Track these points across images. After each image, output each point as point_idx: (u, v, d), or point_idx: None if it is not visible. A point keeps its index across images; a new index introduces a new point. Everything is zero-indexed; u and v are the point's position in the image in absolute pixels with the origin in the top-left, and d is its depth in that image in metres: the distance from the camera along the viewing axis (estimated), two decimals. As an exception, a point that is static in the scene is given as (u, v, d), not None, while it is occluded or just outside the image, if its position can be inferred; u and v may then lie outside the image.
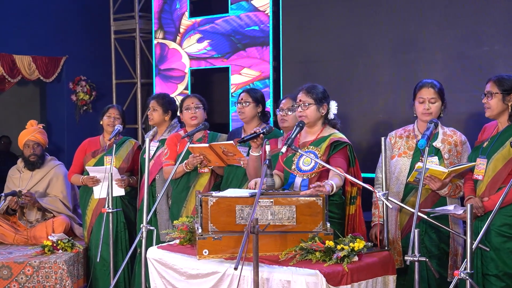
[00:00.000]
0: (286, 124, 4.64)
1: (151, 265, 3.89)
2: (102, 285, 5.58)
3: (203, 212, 3.64)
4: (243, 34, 7.29)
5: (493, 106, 3.98)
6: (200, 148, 4.64)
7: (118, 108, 5.76)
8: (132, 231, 5.68)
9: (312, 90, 4.11)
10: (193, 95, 5.22)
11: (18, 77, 7.66)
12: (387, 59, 6.17)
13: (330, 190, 3.72)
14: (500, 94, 3.95)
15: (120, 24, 8.60)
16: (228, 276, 3.47)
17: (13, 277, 5.20)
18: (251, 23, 7.21)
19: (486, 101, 4.00)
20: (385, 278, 3.61)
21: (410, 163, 4.21)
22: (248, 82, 7.24)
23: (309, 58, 6.67)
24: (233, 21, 7.36)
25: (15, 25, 7.62)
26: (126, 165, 5.69)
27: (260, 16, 7.15)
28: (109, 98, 8.58)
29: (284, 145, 3.80)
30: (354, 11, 6.35)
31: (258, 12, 7.16)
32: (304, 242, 3.54)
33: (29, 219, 5.92)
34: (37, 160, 6.01)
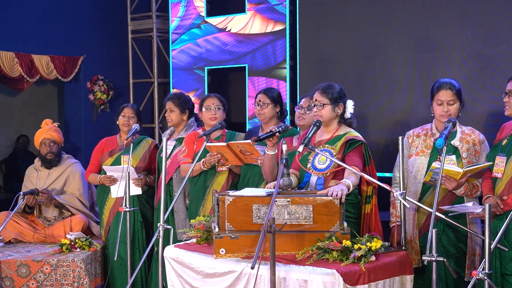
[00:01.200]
0: (303, 122, 4.65)
1: (168, 264, 3.90)
2: (119, 283, 5.60)
3: (220, 211, 3.64)
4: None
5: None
6: (217, 147, 4.64)
7: (133, 107, 5.78)
8: (149, 230, 5.70)
9: (328, 90, 4.10)
10: (214, 95, 5.21)
11: (36, 77, 7.71)
12: (404, 58, 6.14)
13: (347, 190, 3.71)
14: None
15: (137, 23, 8.64)
16: (245, 275, 3.47)
17: (32, 275, 5.24)
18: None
19: (508, 99, 3.96)
20: (402, 278, 3.60)
21: (428, 162, 4.18)
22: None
23: (325, 57, 6.65)
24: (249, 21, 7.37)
25: (34, 25, 7.67)
26: (143, 164, 5.71)
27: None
28: (126, 97, 8.62)
29: (301, 144, 3.80)
30: (371, 10, 6.32)
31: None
32: (321, 242, 3.53)
33: (47, 217, 5.96)
34: (54, 158, 6.05)
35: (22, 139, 9.47)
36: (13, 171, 9.27)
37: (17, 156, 9.41)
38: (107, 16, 8.51)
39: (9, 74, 7.42)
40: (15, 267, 5.22)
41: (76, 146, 8.24)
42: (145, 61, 8.73)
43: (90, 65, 8.25)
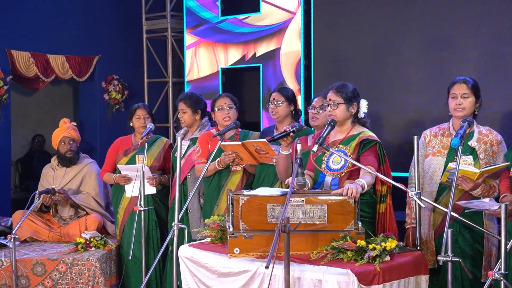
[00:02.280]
0: (317, 123, 4.64)
1: (183, 263, 3.91)
2: (134, 282, 5.62)
3: (234, 211, 3.64)
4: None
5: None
6: (232, 146, 4.64)
7: (145, 107, 5.79)
8: (163, 229, 5.71)
9: (342, 90, 4.09)
10: (225, 95, 5.21)
11: (52, 77, 7.76)
12: (419, 57, 6.11)
13: (362, 189, 3.70)
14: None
15: (152, 23, 8.66)
16: (259, 274, 3.47)
17: (47, 273, 5.27)
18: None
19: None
20: (418, 278, 3.58)
21: (445, 163, 4.15)
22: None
23: (340, 57, 6.64)
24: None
25: (49, 25, 7.72)
26: (157, 163, 5.72)
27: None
28: (141, 97, 8.65)
29: (316, 144, 3.79)
30: (385, 9, 6.30)
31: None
32: (335, 241, 3.53)
33: (62, 216, 5.99)
34: (73, 156, 6.09)
35: (37, 138, 9.53)
36: (29, 170, 9.33)
37: (32, 156, 9.48)
38: (122, 16, 8.54)
39: (25, 74, 7.47)
40: (30, 266, 5.26)
41: (91, 145, 8.28)
42: (160, 60, 8.76)
43: (105, 65, 8.29)
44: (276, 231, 3.16)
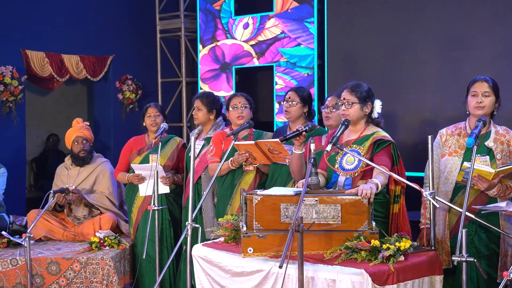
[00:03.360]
0: (330, 122, 4.62)
1: (196, 263, 3.91)
2: (148, 281, 5.63)
3: (247, 210, 3.64)
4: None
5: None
6: (245, 145, 4.64)
7: (157, 106, 5.81)
8: (177, 228, 5.72)
9: (357, 89, 4.07)
10: (240, 94, 5.21)
11: (66, 76, 7.80)
12: (434, 56, 6.08)
13: (376, 188, 3.68)
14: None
15: (166, 23, 8.68)
16: (273, 274, 3.46)
17: (62, 272, 5.29)
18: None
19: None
20: (432, 278, 3.56)
21: (461, 163, 4.11)
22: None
23: (354, 56, 6.62)
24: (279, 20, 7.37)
25: (64, 25, 7.76)
26: (171, 163, 5.73)
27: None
28: (155, 96, 8.68)
29: (329, 144, 3.78)
30: (400, 8, 6.28)
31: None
32: (349, 241, 3.51)
33: (77, 216, 6.02)
34: (87, 156, 6.11)
35: (52, 138, 9.58)
36: (43, 169, 9.38)
37: (47, 155, 9.53)
38: (135, 16, 8.57)
39: (40, 74, 7.51)
40: (45, 265, 5.28)
41: (105, 145, 8.31)
42: (173, 60, 8.78)
43: (119, 65, 8.32)
44: (289, 231, 3.15)
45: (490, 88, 4.10)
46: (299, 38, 7.19)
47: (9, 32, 7.23)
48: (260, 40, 7.53)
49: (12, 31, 7.26)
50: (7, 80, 7.05)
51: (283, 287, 3.36)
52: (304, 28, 7.15)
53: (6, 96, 7.08)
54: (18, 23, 7.32)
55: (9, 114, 7.20)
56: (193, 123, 5.76)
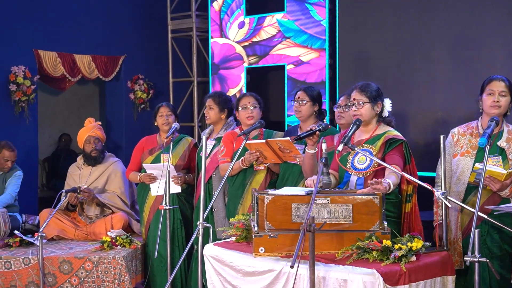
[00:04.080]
0: (343, 121, 4.62)
1: (208, 262, 3.92)
2: (159, 281, 5.65)
3: (259, 210, 3.64)
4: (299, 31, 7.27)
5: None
6: (256, 145, 4.64)
7: (168, 105, 5.82)
8: (188, 228, 5.73)
9: (366, 89, 4.06)
10: (249, 94, 5.21)
11: (78, 76, 7.83)
12: (445, 55, 6.06)
13: (388, 188, 3.67)
14: None
15: (177, 23, 8.70)
16: (284, 274, 3.46)
17: (74, 272, 5.31)
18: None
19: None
20: (444, 279, 3.55)
21: (473, 163, 4.08)
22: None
23: (365, 55, 6.61)
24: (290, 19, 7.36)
25: (76, 25, 7.79)
26: (182, 162, 5.74)
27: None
28: (166, 96, 8.70)
29: (341, 143, 3.77)
30: (411, 7, 6.26)
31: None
32: (361, 241, 3.50)
33: (89, 215, 6.04)
34: (99, 155, 6.13)
35: (64, 137, 9.62)
36: (56, 169, 9.43)
37: (59, 155, 9.57)
38: (147, 16, 8.59)
39: (52, 73, 7.55)
40: (57, 264, 5.31)
41: (117, 144, 8.34)
42: (185, 60, 8.79)
43: (131, 65, 8.35)
44: (301, 231, 3.15)
45: (507, 87, 4.07)
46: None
47: (22, 32, 7.27)
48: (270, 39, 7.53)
49: (25, 31, 7.29)
50: (19, 80, 7.09)
51: (294, 287, 3.36)
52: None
53: (19, 96, 7.12)
54: (30, 23, 7.35)
55: (22, 114, 7.24)
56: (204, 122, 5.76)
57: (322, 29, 7.06)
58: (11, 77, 7.07)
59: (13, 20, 7.21)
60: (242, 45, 7.77)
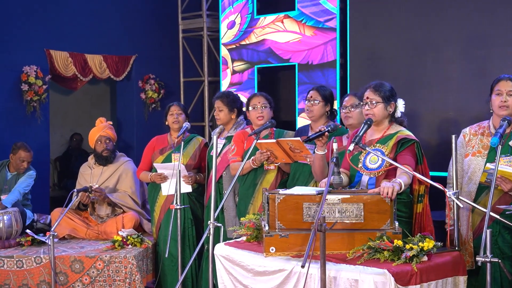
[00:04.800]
0: (351, 121, 4.58)
1: (219, 262, 3.92)
2: (170, 280, 5.66)
3: (270, 210, 3.64)
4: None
5: None
6: (267, 144, 4.64)
7: (179, 105, 5.83)
8: (199, 227, 5.74)
9: (380, 88, 4.04)
10: (259, 94, 5.21)
11: (89, 76, 7.86)
12: (457, 55, 6.03)
13: (399, 189, 3.66)
14: None
15: (188, 23, 8.72)
16: (295, 273, 3.46)
17: (85, 271, 5.33)
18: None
19: None
20: (456, 279, 3.54)
21: (484, 163, 4.06)
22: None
23: (376, 55, 6.59)
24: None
25: (87, 25, 7.82)
26: (193, 162, 5.75)
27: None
28: (177, 96, 8.72)
29: (352, 143, 3.76)
30: (422, 6, 6.23)
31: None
32: (372, 241, 3.50)
33: (100, 214, 6.06)
34: (110, 155, 6.14)
35: (75, 137, 9.66)
36: (67, 168, 9.47)
37: (70, 154, 9.61)
38: (158, 15, 8.61)
39: (64, 73, 7.58)
40: (69, 263, 5.33)
41: (128, 144, 8.36)
42: (196, 60, 8.81)
43: (142, 64, 8.37)
44: (312, 230, 3.15)
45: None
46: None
47: (34, 32, 7.30)
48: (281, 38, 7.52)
49: (37, 31, 7.33)
50: (31, 80, 7.12)
51: (305, 286, 3.36)
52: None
53: (31, 96, 7.15)
54: (42, 23, 7.39)
55: (34, 114, 7.27)
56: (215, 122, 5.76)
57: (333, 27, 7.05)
58: (23, 77, 7.11)
59: (25, 21, 7.24)
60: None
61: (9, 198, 5.98)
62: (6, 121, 7.08)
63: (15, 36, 7.14)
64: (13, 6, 7.14)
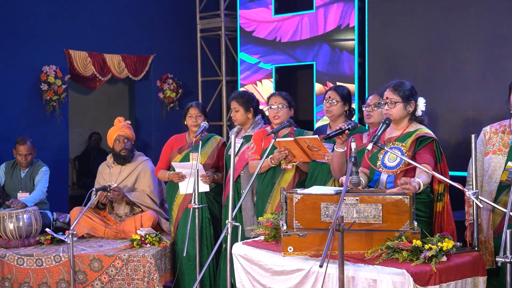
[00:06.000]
0: (372, 120, 4.57)
1: (237, 261, 3.92)
2: (188, 279, 5.67)
3: (288, 209, 3.63)
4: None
5: None
6: (285, 142, 4.64)
7: (198, 106, 5.82)
8: (216, 227, 5.74)
9: (399, 88, 4.02)
10: (278, 93, 5.20)
11: (108, 76, 7.90)
12: (476, 54, 5.98)
13: (418, 187, 3.64)
14: None
15: (206, 22, 8.73)
16: (313, 273, 3.45)
17: (104, 269, 5.36)
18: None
19: None
20: (475, 279, 3.51)
21: (505, 161, 4.04)
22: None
23: (395, 54, 6.56)
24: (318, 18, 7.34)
25: (106, 25, 7.86)
26: (211, 161, 5.76)
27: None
28: (195, 95, 8.74)
29: (370, 142, 3.75)
30: (441, 5, 6.19)
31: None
32: (390, 241, 3.48)
33: (118, 213, 6.09)
34: (128, 154, 6.17)
35: (94, 136, 9.71)
36: (86, 167, 9.51)
37: (89, 153, 9.66)
38: (176, 15, 8.63)
39: (82, 73, 7.62)
40: (88, 261, 5.36)
41: (146, 143, 8.39)
42: (214, 59, 8.82)
43: (160, 64, 8.40)
44: (330, 230, 3.14)
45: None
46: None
47: (53, 32, 7.35)
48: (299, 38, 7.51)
49: (56, 31, 7.38)
50: (50, 80, 7.17)
51: (323, 286, 3.35)
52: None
53: (50, 95, 7.20)
54: (61, 23, 7.43)
55: (53, 113, 7.32)
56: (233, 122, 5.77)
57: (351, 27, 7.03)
58: (43, 76, 7.16)
59: (45, 21, 7.30)
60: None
61: (31, 197, 6.01)
62: (25, 121, 7.13)
63: (34, 37, 7.19)
64: (32, 7, 7.19)
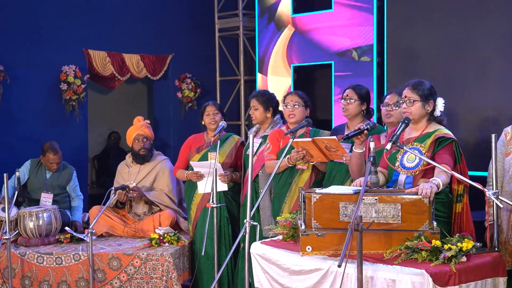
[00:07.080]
0: (391, 120, 4.54)
1: (255, 260, 3.93)
2: (206, 278, 5.67)
3: (306, 209, 3.63)
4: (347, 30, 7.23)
5: None
6: (303, 143, 4.63)
7: (215, 104, 5.83)
8: (235, 226, 5.74)
9: (419, 87, 4.00)
10: (294, 93, 5.19)
11: (127, 75, 7.94)
12: (497, 53, 5.93)
13: (437, 189, 3.61)
14: None
15: (224, 22, 8.74)
16: (332, 273, 3.45)
17: (122, 268, 5.38)
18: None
19: None
20: (495, 280, 3.48)
21: (527, 162, 4.01)
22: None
23: (414, 53, 6.51)
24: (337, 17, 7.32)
25: (124, 25, 7.90)
26: (229, 160, 5.76)
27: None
28: (213, 95, 8.75)
29: (389, 142, 3.73)
30: (461, 3, 6.14)
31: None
32: (409, 241, 3.46)
33: (137, 212, 6.11)
34: (147, 154, 6.19)
35: (113, 135, 9.75)
36: (105, 166, 9.56)
37: (108, 152, 9.71)
38: (194, 15, 8.65)
39: (102, 72, 7.67)
40: (107, 260, 5.39)
41: (165, 142, 8.42)
42: (232, 59, 8.82)
43: (178, 64, 8.42)
44: (348, 230, 3.13)
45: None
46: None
47: (73, 32, 7.40)
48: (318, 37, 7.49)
49: (75, 31, 7.42)
50: (70, 79, 7.22)
51: (341, 286, 3.34)
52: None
53: (69, 95, 7.25)
54: (81, 23, 7.48)
55: (72, 113, 7.37)
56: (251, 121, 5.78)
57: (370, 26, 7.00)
58: (62, 76, 7.21)
59: (64, 21, 7.34)
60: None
61: (78, 212, 6.26)
62: (45, 120, 7.19)
63: (54, 37, 7.24)
64: (52, 7, 7.24)
